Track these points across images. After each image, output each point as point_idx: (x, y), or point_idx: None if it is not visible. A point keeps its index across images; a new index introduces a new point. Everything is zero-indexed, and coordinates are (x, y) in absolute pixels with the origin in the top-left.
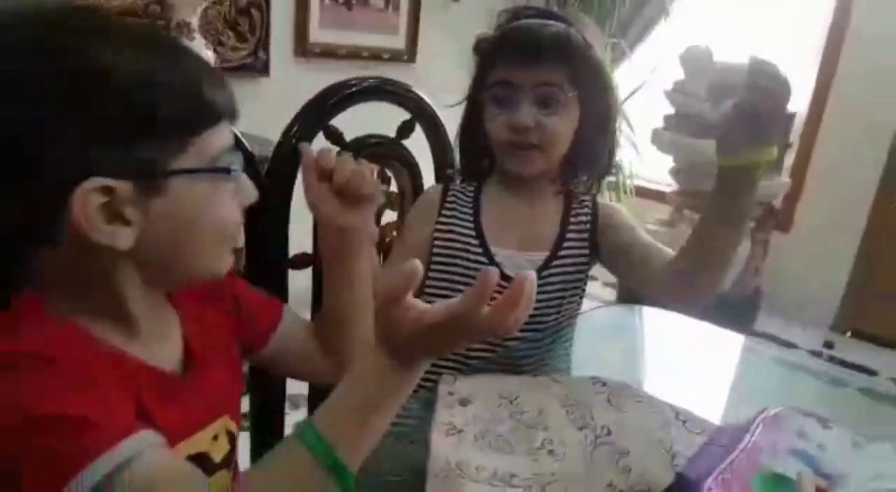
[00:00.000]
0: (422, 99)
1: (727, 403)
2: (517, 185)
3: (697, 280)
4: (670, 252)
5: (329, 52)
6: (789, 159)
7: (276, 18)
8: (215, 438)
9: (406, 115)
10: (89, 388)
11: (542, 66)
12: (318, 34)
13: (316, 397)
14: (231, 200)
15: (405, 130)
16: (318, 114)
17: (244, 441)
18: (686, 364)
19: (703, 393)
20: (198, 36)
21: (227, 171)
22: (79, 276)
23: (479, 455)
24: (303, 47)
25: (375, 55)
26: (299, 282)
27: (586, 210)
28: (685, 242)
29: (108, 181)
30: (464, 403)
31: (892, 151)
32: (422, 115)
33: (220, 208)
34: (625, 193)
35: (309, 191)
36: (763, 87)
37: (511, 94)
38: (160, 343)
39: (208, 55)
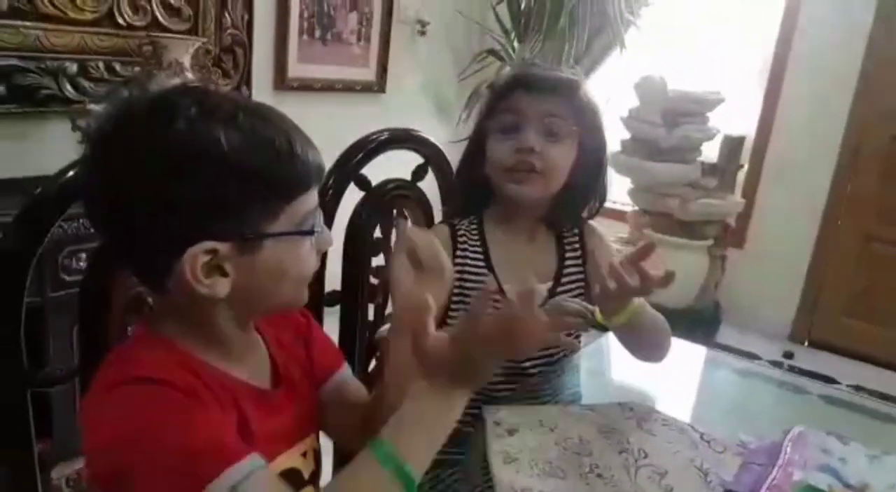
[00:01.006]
0: (436, 146)
1: (699, 413)
2: (515, 220)
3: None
4: None
5: (306, 86)
6: (741, 179)
7: (258, 55)
8: (304, 455)
9: (414, 160)
10: (197, 408)
11: (549, 100)
12: (297, 69)
13: None
14: (312, 250)
15: (420, 173)
16: (348, 166)
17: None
18: (655, 376)
19: (675, 404)
20: (189, 74)
21: (312, 232)
22: (182, 313)
23: (538, 481)
24: (282, 81)
25: (349, 87)
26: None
27: (575, 239)
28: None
29: (214, 244)
30: (511, 432)
31: (838, 169)
32: (435, 159)
33: (303, 261)
34: None
35: (395, 261)
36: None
37: (519, 121)
38: (253, 363)
39: None
